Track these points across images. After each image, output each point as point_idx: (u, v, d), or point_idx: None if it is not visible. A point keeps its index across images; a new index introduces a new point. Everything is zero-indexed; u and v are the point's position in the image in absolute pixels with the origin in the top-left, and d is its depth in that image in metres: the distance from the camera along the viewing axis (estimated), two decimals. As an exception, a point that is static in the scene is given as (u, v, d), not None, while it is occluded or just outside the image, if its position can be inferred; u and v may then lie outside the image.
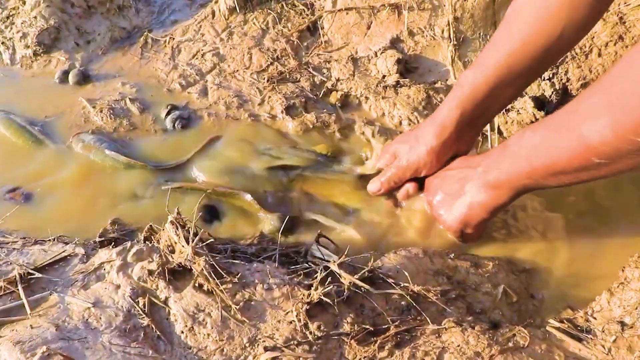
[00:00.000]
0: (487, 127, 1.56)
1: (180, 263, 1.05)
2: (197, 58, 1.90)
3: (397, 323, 1.02)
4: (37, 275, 1.10)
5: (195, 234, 1.05)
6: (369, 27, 1.85)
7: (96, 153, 1.56)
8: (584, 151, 0.92)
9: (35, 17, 2.04)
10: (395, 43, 1.80)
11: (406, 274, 1.10)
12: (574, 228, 1.34)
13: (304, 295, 1.01)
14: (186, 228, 1.07)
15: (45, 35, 2.03)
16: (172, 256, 1.06)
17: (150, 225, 1.18)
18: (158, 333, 0.99)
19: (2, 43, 2.05)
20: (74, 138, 1.62)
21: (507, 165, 1.09)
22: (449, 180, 1.25)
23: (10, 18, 2.12)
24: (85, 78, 1.90)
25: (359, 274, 1.05)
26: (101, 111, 1.70)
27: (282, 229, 1.26)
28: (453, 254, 1.23)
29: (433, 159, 1.31)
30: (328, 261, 1.11)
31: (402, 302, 1.07)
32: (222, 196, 1.42)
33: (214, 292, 1.02)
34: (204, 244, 1.07)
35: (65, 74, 1.90)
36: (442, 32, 1.77)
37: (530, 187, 1.10)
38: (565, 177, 1.00)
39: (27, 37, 2.03)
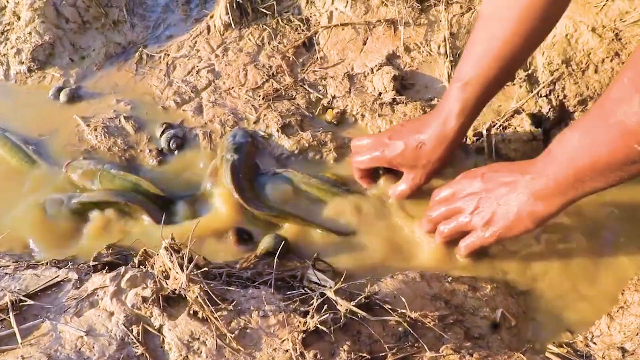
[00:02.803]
0: (485, 143, 1.56)
1: (175, 289, 1.03)
2: (192, 74, 1.89)
3: (394, 350, 1.02)
4: (29, 302, 1.09)
5: (190, 260, 1.04)
6: (364, 43, 1.85)
7: (103, 176, 1.54)
8: (624, 139, 0.91)
9: (29, 33, 2.03)
10: (391, 59, 1.80)
11: (403, 299, 1.09)
12: (571, 249, 1.33)
13: (300, 323, 1.00)
14: (181, 254, 1.06)
15: (39, 52, 2.02)
16: (166, 282, 1.05)
17: (145, 250, 1.17)
18: (152, 362, 0.97)
19: (-3, 59, 2.04)
20: (68, 167, 1.59)
21: (552, 172, 1.06)
22: (494, 181, 1.19)
23: (5, 34, 2.11)
24: (77, 96, 1.89)
25: (356, 301, 1.04)
26: (95, 130, 1.69)
27: (278, 251, 1.24)
28: (450, 277, 1.22)
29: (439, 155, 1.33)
30: (324, 286, 1.10)
31: (400, 329, 1.06)
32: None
33: (209, 320, 1.00)
34: (199, 270, 1.05)
35: (60, 90, 1.89)
36: (439, 47, 1.76)
37: (580, 192, 1.05)
38: (613, 174, 0.97)
39: (21, 53, 2.02)
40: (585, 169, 1.00)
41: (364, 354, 0.99)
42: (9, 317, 1.05)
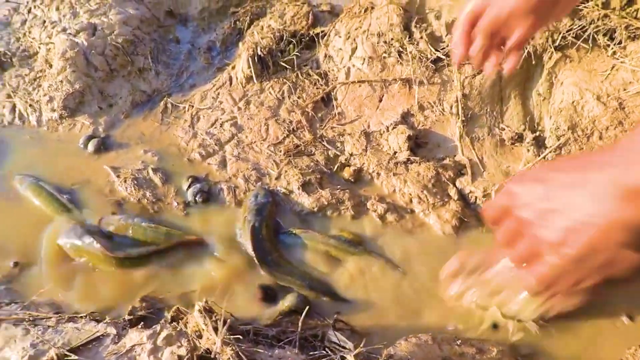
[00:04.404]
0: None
1: (208, 349, 1.12)
2: (215, 127, 1.99)
3: (409, 412, 1.09)
4: (73, 357, 1.18)
5: (224, 322, 1.13)
6: (380, 100, 1.94)
7: (134, 229, 1.63)
8: None
9: (61, 82, 2.13)
10: (406, 117, 1.88)
11: (417, 362, 1.18)
12: (572, 313, 1.40)
13: (323, 384, 1.09)
14: (214, 317, 1.15)
15: (70, 100, 2.12)
16: (199, 341, 1.14)
17: (178, 307, 1.26)
18: (188, 419, 1.06)
19: (30, 105, 2.14)
20: (101, 222, 1.67)
21: None
22: (560, 181, 0.93)
23: (37, 80, 2.21)
24: (106, 146, 2.00)
25: (374, 364, 1.12)
26: (125, 181, 1.78)
27: (303, 312, 1.33)
28: (460, 340, 1.30)
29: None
30: (344, 348, 1.19)
31: (414, 390, 1.14)
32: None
33: (240, 380, 1.09)
34: (231, 334, 1.14)
35: (89, 139, 1.98)
36: (451, 107, 1.85)
37: None
38: None
39: (53, 101, 2.12)
40: None
41: (381, 415, 1.08)
42: (55, 371, 1.14)
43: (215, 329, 1.12)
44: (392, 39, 1.95)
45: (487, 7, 1.27)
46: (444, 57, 1.89)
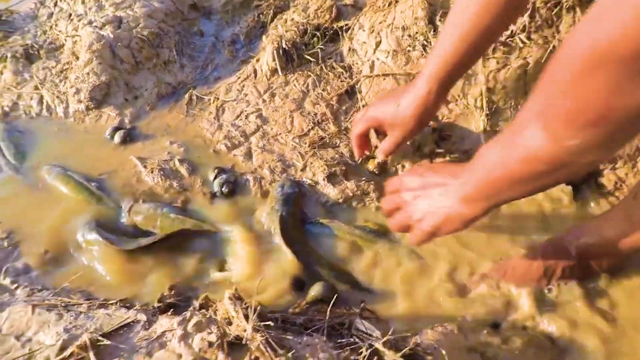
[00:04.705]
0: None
1: (238, 336, 1.14)
2: (241, 119, 2.01)
3: (436, 399, 1.11)
4: (106, 342, 1.20)
5: (254, 310, 1.15)
6: (404, 93, 1.94)
7: (162, 220, 1.65)
8: (529, 159, 0.99)
9: (88, 74, 2.16)
10: (429, 110, 1.89)
11: (443, 352, 1.19)
12: (601, 308, 1.41)
13: (351, 371, 1.10)
14: (244, 304, 1.17)
15: (97, 91, 2.15)
16: (229, 328, 1.16)
17: (207, 295, 1.28)
18: (219, 403, 1.08)
19: (57, 97, 2.17)
20: (131, 210, 1.71)
21: (475, 180, 1.15)
22: (431, 181, 1.31)
23: (64, 72, 2.24)
24: (132, 137, 2.03)
25: (402, 352, 1.14)
26: (152, 172, 1.80)
27: (331, 301, 1.35)
28: (486, 330, 1.31)
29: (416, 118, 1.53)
30: (371, 336, 1.20)
31: (440, 378, 1.16)
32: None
33: (269, 366, 1.11)
34: (260, 321, 1.16)
35: (115, 130, 2.01)
36: (475, 101, 1.85)
37: (500, 199, 1.15)
38: (524, 186, 1.07)
39: (80, 93, 2.14)
40: (501, 181, 1.09)
41: (408, 402, 1.09)
42: (89, 355, 1.16)
43: (246, 316, 1.14)
44: (416, 33, 1.95)
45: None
46: (468, 50, 1.89)
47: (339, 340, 1.21)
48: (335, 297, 1.34)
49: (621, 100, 0.79)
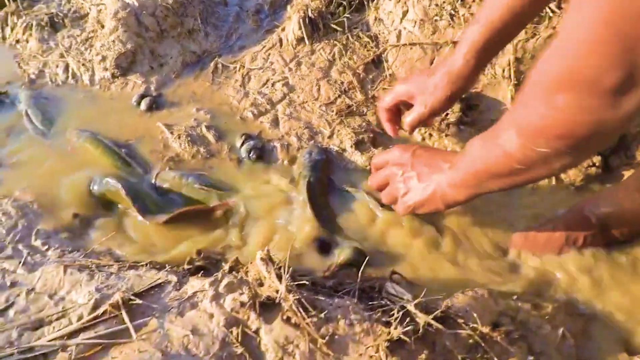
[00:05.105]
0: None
1: (269, 296, 1.14)
2: (267, 87, 2.00)
3: (467, 361, 1.11)
4: (138, 301, 1.20)
5: (286, 271, 1.15)
6: (431, 63, 1.93)
7: (187, 189, 1.66)
8: (506, 158, 1.10)
9: (113, 41, 2.16)
10: (457, 80, 1.88)
11: (475, 315, 1.19)
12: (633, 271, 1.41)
13: (383, 332, 1.10)
14: (276, 265, 1.17)
15: (122, 59, 2.15)
16: (260, 289, 1.16)
17: (237, 257, 1.29)
18: (251, 361, 1.09)
19: (83, 65, 2.17)
20: (157, 177, 1.71)
21: (462, 167, 1.25)
22: (420, 159, 1.39)
23: (89, 41, 2.24)
24: (158, 104, 2.03)
25: (434, 314, 1.13)
26: (179, 137, 1.81)
27: (362, 265, 1.36)
28: (515, 296, 1.31)
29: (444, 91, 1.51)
30: (402, 299, 1.20)
31: (470, 341, 1.15)
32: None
33: (301, 326, 1.11)
34: (293, 282, 1.16)
35: (142, 97, 2.01)
36: (503, 71, 1.84)
37: (482, 189, 1.25)
38: (502, 180, 1.18)
39: (106, 60, 2.15)
40: (482, 172, 1.20)
41: (440, 363, 1.10)
42: (122, 313, 1.17)
43: (279, 277, 1.15)
44: (444, 2, 1.94)
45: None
46: (497, 20, 1.88)
47: (370, 303, 1.21)
48: (367, 259, 1.35)
49: (583, 118, 0.92)
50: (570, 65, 0.90)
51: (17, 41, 2.41)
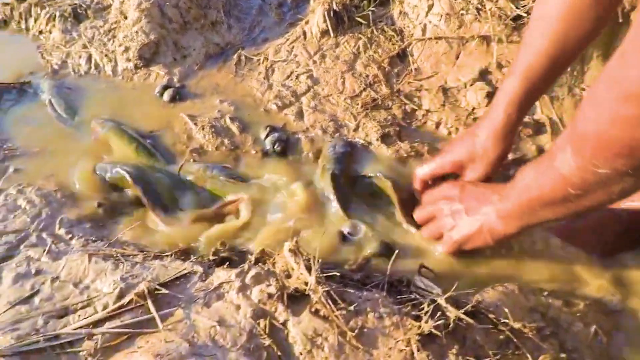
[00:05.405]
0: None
1: (297, 288, 1.13)
2: (291, 79, 1.99)
3: (498, 357, 1.09)
4: (164, 291, 1.19)
5: (316, 262, 1.13)
6: (457, 57, 1.92)
7: (212, 182, 1.64)
8: (560, 183, 1.04)
9: (136, 32, 2.15)
10: (483, 74, 1.86)
11: (506, 310, 1.17)
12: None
13: (413, 326, 1.08)
14: (304, 256, 1.15)
15: (145, 50, 2.14)
16: (288, 281, 1.15)
17: (263, 249, 1.27)
18: (279, 353, 1.07)
19: (106, 55, 2.16)
20: (181, 169, 1.69)
21: (512, 197, 1.19)
22: (469, 193, 1.34)
23: (112, 32, 2.23)
24: (181, 95, 2.02)
25: (464, 309, 1.12)
26: (203, 129, 1.79)
27: (378, 253, 1.35)
28: (546, 292, 1.29)
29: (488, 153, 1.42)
30: (432, 293, 1.19)
31: (501, 337, 1.13)
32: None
33: (330, 318, 1.09)
34: (323, 274, 1.14)
35: (165, 88, 2.00)
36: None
37: (533, 220, 1.19)
38: (557, 208, 1.11)
39: (129, 51, 2.14)
40: (535, 201, 1.13)
41: (471, 358, 1.07)
42: (147, 303, 1.16)
43: (308, 268, 1.13)
44: (470, -4, 1.92)
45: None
46: (524, 14, 1.85)
47: (399, 297, 1.19)
48: (397, 252, 1.33)
49: None
50: (633, 77, 0.83)
51: (40, 32, 2.40)
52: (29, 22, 2.47)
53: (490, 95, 1.77)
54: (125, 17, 2.24)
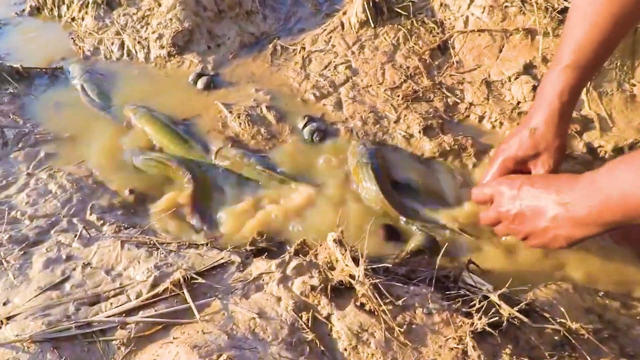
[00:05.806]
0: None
1: (341, 280, 1.07)
2: (329, 69, 1.94)
3: (554, 359, 1.03)
4: (200, 280, 1.14)
5: (362, 255, 1.08)
6: (500, 50, 1.86)
7: (248, 170, 1.60)
8: None
9: (170, 19, 2.11)
10: (528, 68, 1.80)
11: (562, 309, 1.10)
12: None
13: (465, 323, 1.02)
14: (349, 248, 1.10)
15: (179, 37, 2.10)
16: (331, 273, 1.09)
17: (304, 240, 1.22)
18: (322, 348, 1.01)
19: (138, 42, 2.13)
20: (217, 154, 1.66)
21: (598, 203, 1.04)
22: (531, 195, 1.20)
23: (146, 19, 2.20)
24: (215, 84, 1.98)
25: (518, 307, 1.06)
26: (239, 117, 1.75)
27: (423, 247, 1.31)
28: (602, 292, 1.22)
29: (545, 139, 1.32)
30: (482, 289, 1.13)
31: (555, 337, 1.07)
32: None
33: (376, 313, 1.04)
34: (370, 266, 1.09)
35: (199, 76, 1.96)
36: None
37: (621, 224, 1.04)
38: None
39: (162, 38, 2.10)
40: (636, 206, 0.99)
41: (525, 359, 1.01)
42: (183, 292, 1.11)
43: (355, 260, 1.07)
44: (515, -12, 1.86)
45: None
46: (572, 7, 1.79)
47: (447, 292, 1.13)
48: (445, 246, 1.27)
49: None
50: None
51: (73, 19, 2.38)
52: (62, 9, 2.46)
53: (535, 89, 1.70)
54: (159, 5, 2.20)
